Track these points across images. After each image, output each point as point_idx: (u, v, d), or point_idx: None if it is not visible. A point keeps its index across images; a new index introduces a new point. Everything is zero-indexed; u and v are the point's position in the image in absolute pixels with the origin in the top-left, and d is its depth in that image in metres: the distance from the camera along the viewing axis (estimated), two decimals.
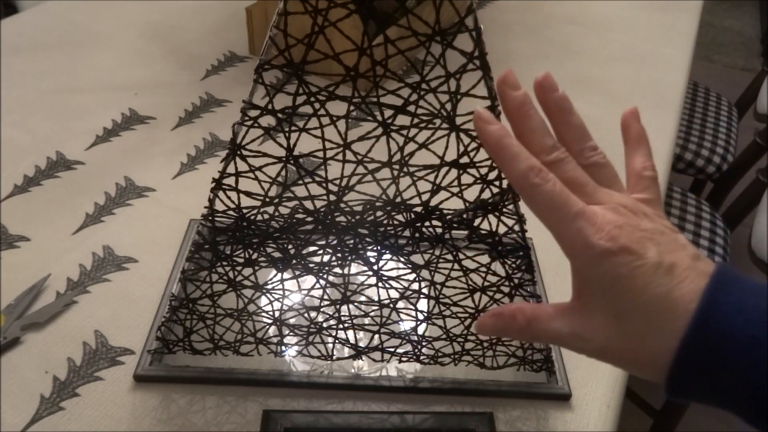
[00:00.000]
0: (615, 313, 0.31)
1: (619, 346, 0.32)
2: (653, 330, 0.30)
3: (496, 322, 0.35)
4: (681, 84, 1.02)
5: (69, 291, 0.58)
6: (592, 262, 0.31)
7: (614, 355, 0.32)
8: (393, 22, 0.37)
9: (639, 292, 0.30)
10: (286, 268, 0.47)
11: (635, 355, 0.31)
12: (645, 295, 0.30)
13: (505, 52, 1.05)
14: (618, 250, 0.30)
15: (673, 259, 0.30)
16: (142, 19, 1.02)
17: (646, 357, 0.31)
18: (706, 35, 2.89)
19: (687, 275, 0.30)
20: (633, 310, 0.30)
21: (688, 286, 0.30)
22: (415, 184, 0.43)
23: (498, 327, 0.35)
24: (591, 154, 0.34)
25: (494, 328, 0.35)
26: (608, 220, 0.31)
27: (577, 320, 0.33)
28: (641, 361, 0.31)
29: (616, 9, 1.22)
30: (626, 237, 0.30)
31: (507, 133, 0.32)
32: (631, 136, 0.37)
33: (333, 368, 0.54)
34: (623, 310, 0.31)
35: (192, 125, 0.81)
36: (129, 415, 0.49)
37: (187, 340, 0.51)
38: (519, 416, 0.52)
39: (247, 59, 0.95)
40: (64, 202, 0.68)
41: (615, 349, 0.32)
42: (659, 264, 0.30)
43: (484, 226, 0.44)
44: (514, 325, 0.34)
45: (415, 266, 0.47)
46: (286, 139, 0.41)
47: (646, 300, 0.30)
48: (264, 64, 0.38)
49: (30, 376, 0.52)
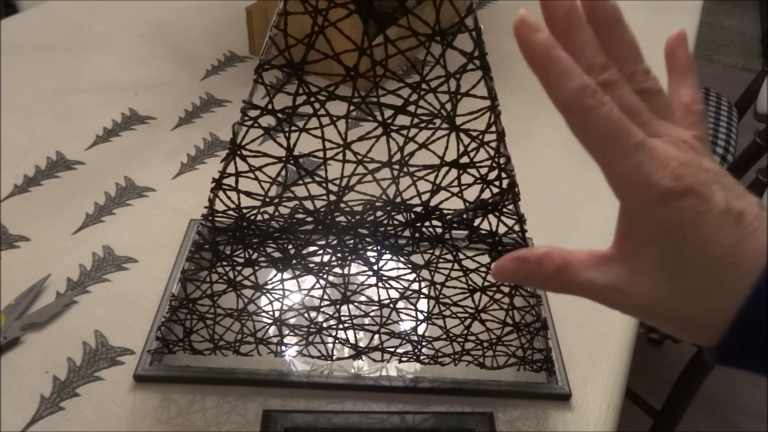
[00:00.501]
0: (670, 265, 0.27)
1: (668, 304, 0.28)
2: (714, 287, 0.26)
3: (518, 267, 0.30)
4: None
5: (69, 291, 0.58)
6: (652, 204, 0.26)
7: (660, 314, 0.29)
8: (393, 22, 0.37)
9: (703, 243, 0.26)
10: (286, 268, 0.47)
11: (686, 314, 0.28)
12: (710, 246, 0.26)
13: (505, 52, 1.04)
14: (684, 191, 0.26)
15: (742, 206, 0.26)
16: (142, 19, 1.02)
17: (698, 318, 0.27)
18: (706, 35, 2.88)
19: (757, 226, 0.26)
20: (693, 263, 0.27)
21: (759, 238, 0.26)
22: (415, 184, 0.43)
23: (520, 273, 0.30)
24: (644, 78, 0.29)
25: (515, 273, 0.30)
26: (672, 155, 0.27)
27: (618, 271, 0.29)
28: (692, 322, 0.28)
29: None
30: (692, 177, 0.26)
31: (556, 44, 0.27)
32: (678, 64, 0.32)
33: (333, 368, 0.54)
34: (681, 262, 0.27)
35: (192, 125, 0.81)
36: (129, 415, 0.49)
37: (187, 340, 0.51)
38: (519, 416, 0.52)
39: (247, 59, 0.95)
40: (64, 202, 0.68)
41: (662, 307, 0.28)
42: (728, 211, 0.26)
43: (484, 226, 0.44)
44: (540, 272, 0.29)
45: (415, 266, 0.47)
46: (286, 139, 0.41)
47: (711, 252, 0.26)
48: (264, 64, 0.38)
49: (30, 376, 0.52)
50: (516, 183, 0.42)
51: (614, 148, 0.27)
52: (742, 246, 0.26)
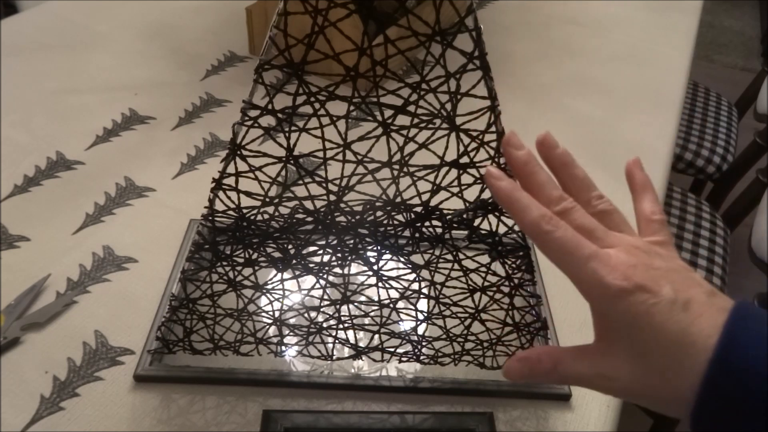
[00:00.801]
0: (637, 351, 0.32)
1: (642, 383, 0.32)
2: (674, 366, 0.30)
3: (523, 367, 0.36)
4: (681, 84, 1.02)
5: (69, 291, 0.59)
6: (610, 302, 0.31)
7: (639, 393, 0.33)
8: (393, 22, 0.37)
9: (657, 330, 0.30)
10: (286, 268, 0.47)
11: (659, 392, 0.32)
12: (663, 332, 0.30)
13: (505, 52, 1.05)
14: (633, 288, 0.31)
15: (689, 295, 0.31)
16: (142, 19, 1.02)
17: (669, 394, 0.31)
18: (706, 35, 2.89)
19: (704, 311, 0.30)
20: (653, 347, 0.31)
21: (706, 321, 0.30)
22: (415, 184, 0.43)
23: (525, 371, 0.36)
24: (598, 202, 0.36)
25: (521, 372, 0.36)
26: (621, 260, 0.32)
27: (601, 360, 0.34)
28: (665, 398, 0.32)
29: (616, 9, 1.22)
30: (640, 275, 0.31)
31: (517, 187, 0.34)
32: (636, 184, 0.39)
33: (333, 368, 0.54)
34: (644, 347, 0.31)
35: (192, 125, 0.81)
36: (129, 415, 0.49)
37: (187, 340, 0.51)
38: (519, 416, 0.52)
39: (247, 59, 0.95)
40: (64, 202, 0.68)
41: (639, 387, 0.32)
42: (674, 300, 0.30)
43: (484, 226, 0.44)
44: (540, 368, 0.35)
45: (415, 266, 0.47)
46: (286, 139, 0.41)
47: (665, 337, 0.30)
48: (264, 64, 0.38)
49: (30, 376, 0.52)
50: None
51: (572, 260, 0.32)
52: (691, 329, 0.30)
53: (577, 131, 0.88)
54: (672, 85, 1.01)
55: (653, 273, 0.31)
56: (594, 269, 0.31)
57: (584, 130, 0.88)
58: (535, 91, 0.94)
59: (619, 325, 0.32)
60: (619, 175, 0.38)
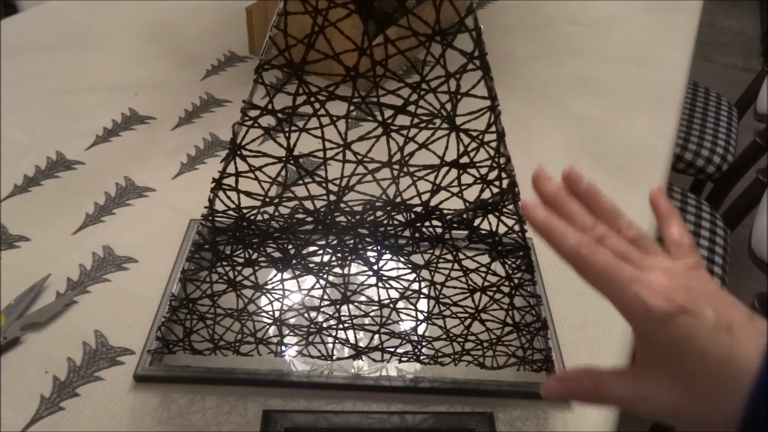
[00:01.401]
0: (680, 373, 0.32)
1: (687, 407, 0.32)
2: (719, 389, 0.31)
3: (562, 387, 0.36)
4: (681, 84, 1.02)
5: (69, 291, 0.58)
6: (653, 325, 0.31)
7: (682, 416, 0.33)
8: (393, 22, 0.37)
9: (702, 353, 0.31)
10: (286, 268, 0.47)
11: (704, 415, 0.32)
12: (708, 355, 0.30)
13: (505, 52, 1.05)
14: (677, 311, 0.31)
15: (730, 318, 0.31)
16: (142, 19, 1.02)
17: (714, 417, 0.31)
18: (706, 35, 2.88)
19: (746, 334, 0.31)
20: (698, 370, 0.31)
21: (748, 343, 0.30)
22: (415, 184, 0.43)
23: (564, 391, 0.36)
24: (628, 229, 0.36)
25: (561, 392, 0.36)
26: (663, 283, 0.32)
27: (642, 383, 0.34)
28: (711, 421, 0.32)
29: (616, 9, 1.22)
30: (682, 298, 0.31)
31: (552, 216, 0.34)
32: (662, 211, 0.39)
33: (333, 368, 0.54)
34: (688, 370, 0.31)
35: (192, 125, 0.81)
36: (129, 415, 0.49)
37: (187, 340, 0.51)
38: (519, 416, 0.52)
39: (247, 59, 0.95)
40: (64, 202, 0.68)
41: (682, 409, 0.32)
42: (718, 323, 0.31)
43: (484, 226, 0.44)
44: (580, 390, 0.35)
45: (415, 266, 0.47)
46: (286, 139, 0.41)
47: (710, 360, 0.30)
48: (264, 64, 0.38)
49: (30, 376, 0.52)
50: (516, 183, 0.42)
51: (612, 284, 0.32)
52: (735, 351, 0.30)
53: (577, 131, 0.88)
54: (672, 85, 1.01)
55: (693, 295, 0.32)
56: (636, 292, 0.31)
57: (584, 130, 0.88)
58: (535, 91, 0.94)
59: (662, 347, 0.32)
60: (619, 175, 0.38)
